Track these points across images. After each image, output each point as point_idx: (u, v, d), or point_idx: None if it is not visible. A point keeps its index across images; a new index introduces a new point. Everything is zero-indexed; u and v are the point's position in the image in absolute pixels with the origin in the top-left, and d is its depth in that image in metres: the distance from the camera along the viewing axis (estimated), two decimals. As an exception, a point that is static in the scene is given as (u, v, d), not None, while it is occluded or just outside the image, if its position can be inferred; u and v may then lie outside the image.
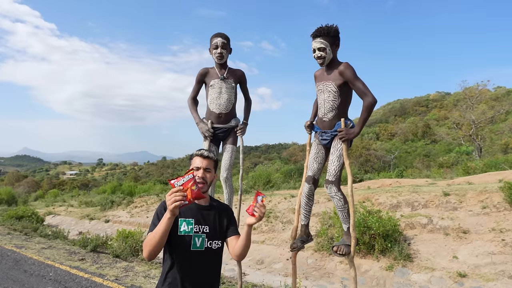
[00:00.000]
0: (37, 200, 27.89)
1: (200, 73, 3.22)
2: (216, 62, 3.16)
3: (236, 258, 1.84)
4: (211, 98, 3.15)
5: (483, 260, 6.08)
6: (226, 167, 3.18)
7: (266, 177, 19.22)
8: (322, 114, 2.71)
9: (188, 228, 1.74)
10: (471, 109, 28.47)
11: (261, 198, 1.72)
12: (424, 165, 25.59)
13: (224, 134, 3.22)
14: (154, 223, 1.71)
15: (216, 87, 3.13)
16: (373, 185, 13.37)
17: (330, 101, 2.63)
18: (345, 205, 2.64)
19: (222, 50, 3.06)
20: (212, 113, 3.16)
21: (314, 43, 2.60)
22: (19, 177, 51.80)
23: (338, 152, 2.63)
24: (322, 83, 2.68)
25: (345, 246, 2.65)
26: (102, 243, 7.75)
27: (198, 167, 1.81)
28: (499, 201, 7.62)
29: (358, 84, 2.54)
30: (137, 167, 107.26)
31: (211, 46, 3.12)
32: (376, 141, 49.29)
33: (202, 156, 1.84)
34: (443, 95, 75.23)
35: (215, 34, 3.10)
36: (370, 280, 6.45)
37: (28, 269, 5.63)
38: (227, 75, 3.16)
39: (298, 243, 2.82)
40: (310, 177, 2.79)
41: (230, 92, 3.16)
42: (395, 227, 7.08)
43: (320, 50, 2.57)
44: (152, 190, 21.42)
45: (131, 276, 5.44)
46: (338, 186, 2.64)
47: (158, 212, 1.76)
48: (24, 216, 12.37)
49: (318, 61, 2.63)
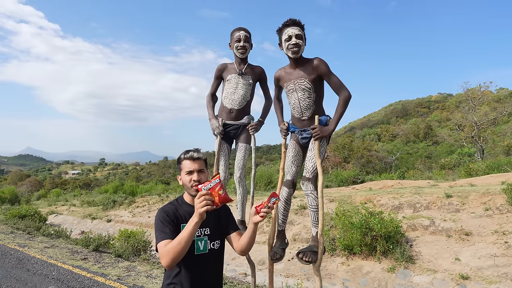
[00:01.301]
0: (40, 199, 28.00)
1: (219, 68, 3.12)
2: (237, 57, 3.02)
3: (241, 253, 1.84)
4: (226, 93, 3.04)
5: (486, 263, 6.06)
6: (239, 166, 3.06)
7: (268, 177, 19.22)
8: (299, 113, 2.60)
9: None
10: (473, 111, 28.38)
11: (274, 200, 1.71)
12: (426, 167, 25.52)
13: (236, 131, 3.07)
14: (162, 230, 1.66)
15: (233, 82, 3.01)
16: (375, 186, 13.34)
17: (306, 99, 2.54)
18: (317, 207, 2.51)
19: (245, 44, 2.95)
20: (224, 108, 3.04)
21: (290, 29, 2.47)
22: (22, 177, 52.01)
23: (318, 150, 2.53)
24: (292, 82, 2.57)
25: (312, 252, 2.44)
26: (104, 242, 7.77)
27: (190, 171, 1.75)
28: (502, 203, 7.59)
29: (334, 78, 2.48)
30: (139, 167, 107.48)
31: (232, 40, 3.00)
32: (377, 142, 49.20)
33: (192, 158, 1.77)
34: (445, 97, 75.02)
35: (237, 28, 3.00)
36: (371, 282, 6.44)
37: (31, 268, 5.65)
38: (246, 71, 3.03)
39: (280, 252, 2.61)
40: (290, 181, 2.67)
41: (246, 89, 3.02)
42: (397, 229, 7.06)
43: (297, 37, 2.46)
44: (154, 190, 21.48)
45: (133, 276, 5.45)
46: (315, 184, 2.53)
47: (162, 219, 1.69)
48: (27, 215, 12.42)
49: (293, 50, 2.47)
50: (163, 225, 1.68)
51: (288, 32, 2.48)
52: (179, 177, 1.83)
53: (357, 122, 76.99)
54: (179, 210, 1.76)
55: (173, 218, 1.71)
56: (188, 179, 1.75)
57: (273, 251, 2.62)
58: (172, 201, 1.83)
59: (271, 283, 2.61)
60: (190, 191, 1.77)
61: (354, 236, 7.11)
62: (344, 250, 7.35)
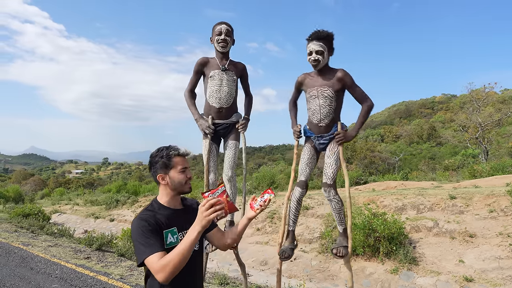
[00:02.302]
0: (44, 198, 28.17)
1: (199, 62, 2.95)
2: (218, 51, 2.92)
3: (225, 248, 1.83)
4: (211, 91, 2.90)
5: (490, 265, 6.01)
6: (230, 166, 2.95)
7: (270, 178, 19.22)
8: (318, 120, 2.68)
9: (174, 238, 1.62)
10: (477, 112, 28.16)
11: (267, 196, 1.71)
12: (429, 168, 25.36)
13: (225, 130, 2.99)
14: (147, 243, 1.49)
15: (217, 78, 2.88)
16: (378, 187, 13.28)
17: (327, 106, 2.63)
18: (342, 207, 2.68)
19: (226, 37, 2.86)
20: (212, 108, 2.92)
21: (312, 45, 2.58)
22: (26, 176, 52.35)
23: (335, 156, 2.64)
24: (316, 88, 2.65)
25: (343, 247, 2.68)
26: (107, 242, 7.80)
27: (185, 168, 1.69)
28: (506, 205, 7.53)
29: (358, 89, 2.62)
30: (141, 167, 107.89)
31: (213, 34, 2.92)
32: (380, 143, 49.00)
33: (183, 155, 1.71)
34: (449, 97, 74.58)
35: (218, 22, 2.92)
36: (374, 283, 6.41)
37: (34, 267, 5.69)
38: (229, 66, 2.93)
39: (289, 252, 2.74)
40: (304, 182, 2.76)
41: (231, 85, 2.92)
42: (400, 230, 7.03)
43: (318, 53, 2.56)
44: (157, 189, 21.54)
45: (136, 275, 5.47)
46: (336, 189, 2.68)
47: (143, 229, 1.53)
48: (30, 214, 12.51)
49: (312, 64, 2.61)
50: (145, 237, 1.51)
51: (310, 48, 2.59)
52: (163, 175, 1.67)
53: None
54: (157, 215, 1.61)
55: (155, 226, 1.56)
56: (183, 176, 1.67)
57: (282, 250, 2.73)
58: (147, 207, 1.68)
59: (279, 283, 2.70)
60: (183, 188, 1.69)
61: (357, 237, 7.08)
62: (347, 251, 7.33)
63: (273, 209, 10.85)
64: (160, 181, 1.68)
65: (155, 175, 1.69)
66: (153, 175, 1.70)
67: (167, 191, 1.69)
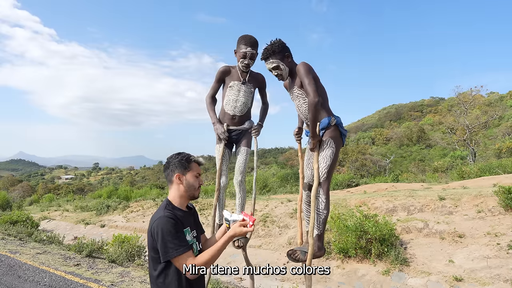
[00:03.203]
0: (32, 204, 27.57)
1: (222, 71, 3.07)
2: (240, 69, 3.04)
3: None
4: (228, 100, 3.05)
5: (479, 264, 6.12)
6: (241, 170, 3.09)
7: (263, 181, 19.23)
8: (305, 119, 2.66)
9: (190, 237, 1.73)
10: (465, 114, 28.76)
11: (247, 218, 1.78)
12: (419, 170, 25.74)
13: (238, 136, 3.13)
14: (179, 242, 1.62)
15: (235, 89, 3.03)
16: (369, 190, 13.42)
17: (303, 105, 2.59)
18: (323, 211, 2.51)
19: (249, 61, 2.95)
20: (226, 114, 3.07)
21: (266, 65, 2.60)
22: (14, 182, 51.22)
23: (323, 153, 2.54)
24: (291, 90, 2.68)
25: (302, 252, 2.52)
26: (98, 248, 7.68)
27: (199, 174, 1.83)
28: (493, 205, 7.70)
29: (305, 81, 2.41)
30: (133, 172, 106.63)
31: (238, 50, 2.95)
32: (371, 145, 49.55)
33: (200, 163, 1.85)
34: (437, 100, 75.98)
35: (245, 41, 2.90)
36: (366, 285, 6.46)
37: (22, 275, 5.56)
38: (248, 79, 3.07)
39: (301, 256, 2.54)
40: (306, 184, 2.76)
41: (248, 96, 3.07)
42: (391, 232, 7.11)
43: (274, 69, 2.57)
44: (148, 194, 21.30)
45: (127, 282, 5.40)
46: (324, 187, 2.52)
47: (173, 228, 1.62)
48: (18, 221, 12.22)
49: (278, 79, 2.64)
50: (175, 234, 1.61)
51: (266, 67, 2.61)
52: (181, 175, 1.76)
53: (352, 126, 77.48)
54: (176, 214, 1.71)
55: (181, 224, 1.67)
56: (197, 181, 1.80)
57: (293, 250, 2.62)
58: (166, 207, 1.74)
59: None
60: (195, 193, 1.80)
61: (349, 239, 7.13)
62: (339, 253, 7.37)
63: (266, 212, 10.86)
64: (175, 180, 1.77)
65: (172, 173, 1.78)
66: (170, 173, 1.79)
67: (179, 193, 1.78)
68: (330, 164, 2.51)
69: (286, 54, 2.59)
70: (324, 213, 2.52)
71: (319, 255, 2.61)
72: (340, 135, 2.60)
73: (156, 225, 1.64)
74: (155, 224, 1.64)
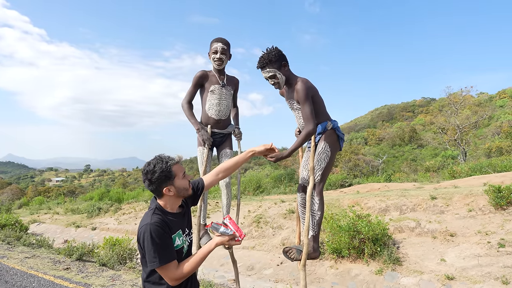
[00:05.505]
0: (21, 207, 27.02)
1: (199, 75, 3.11)
2: (215, 67, 3.12)
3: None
4: (211, 104, 3.11)
5: (470, 263, 6.18)
6: None
7: (256, 182, 19.20)
8: (301, 127, 2.73)
9: (180, 241, 1.75)
10: (455, 114, 29.19)
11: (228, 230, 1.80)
12: (411, 169, 26.00)
13: (221, 139, 3.23)
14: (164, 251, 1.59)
15: (217, 93, 3.10)
16: (362, 190, 13.49)
17: (300, 118, 2.66)
18: (317, 212, 2.56)
19: (221, 56, 3.03)
20: (211, 119, 3.13)
21: (263, 74, 2.60)
22: (3, 185, 50.22)
23: (318, 156, 2.58)
24: (289, 101, 2.73)
25: (297, 251, 2.58)
26: (89, 251, 7.54)
27: (184, 172, 1.79)
28: (484, 204, 7.79)
29: (305, 108, 2.45)
30: (125, 173, 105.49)
31: (210, 50, 3.08)
32: (364, 145, 49.91)
33: (179, 162, 1.78)
34: (429, 101, 76.95)
35: (215, 39, 3.05)
36: (360, 285, 6.47)
37: (10, 280, 5.42)
38: (227, 81, 3.16)
39: (296, 254, 2.60)
40: (300, 185, 2.77)
41: (228, 99, 3.17)
42: (384, 231, 7.14)
43: (271, 78, 2.57)
44: (141, 196, 21.07)
45: (118, 285, 5.31)
46: (318, 189, 2.57)
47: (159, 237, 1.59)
48: (7, 225, 11.94)
49: (275, 87, 2.64)
50: (160, 243, 1.59)
51: (263, 76, 2.62)
52: (169, 187, 1.69)
53: (344, 126, 77.98)
54: (165, 220, 1.68)
55: (168, 232, 1.64)
56: (185, 181, 1.76)
57: (289, 248, 2.65)
58: (154, 211, 1.69)
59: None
60: (187, 192, 1.78)
61: (342, 239, 7.14)
62: (332, 253, 7.37)
63: (259, 213, 10.82)
64: (167, 193, 1.71)
65: (159, 189, 1.69)
66: (157, 189, 1.70)
67: (172, 200, 1.74)
68: (324, 167, 2.57)
69: (283, 63, 2.58)
70: (318, 214, 2.57)
71: (314, 256, 2.64)
72: (338, 139, 2.66)
73: (142, 232, 1.62)
74: (141, 231, 1.62)
